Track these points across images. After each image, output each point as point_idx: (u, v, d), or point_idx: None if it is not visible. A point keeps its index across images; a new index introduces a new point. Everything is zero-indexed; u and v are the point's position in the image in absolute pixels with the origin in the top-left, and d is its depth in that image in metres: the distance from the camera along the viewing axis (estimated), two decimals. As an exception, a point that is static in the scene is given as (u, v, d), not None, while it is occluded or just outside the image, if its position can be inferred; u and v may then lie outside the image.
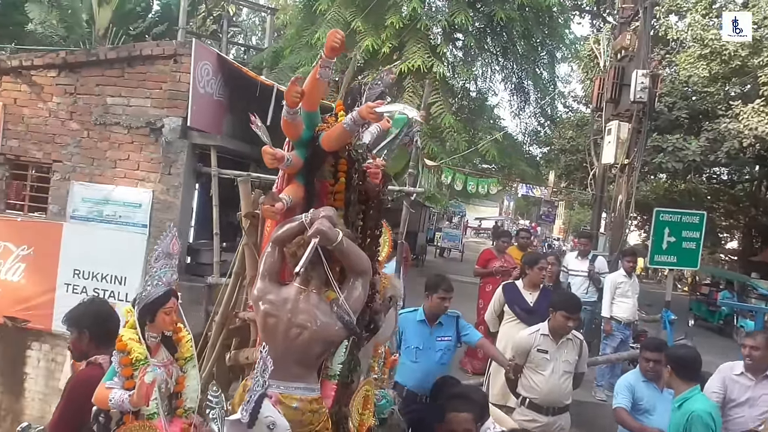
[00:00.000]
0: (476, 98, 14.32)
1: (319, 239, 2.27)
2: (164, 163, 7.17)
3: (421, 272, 17.65)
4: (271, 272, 2.43)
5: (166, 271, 2.54)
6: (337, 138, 2.56)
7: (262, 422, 1.85)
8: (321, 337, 2.31)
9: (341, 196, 2.65)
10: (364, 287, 2.40)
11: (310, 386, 2.36)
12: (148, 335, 2.49)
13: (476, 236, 38.84)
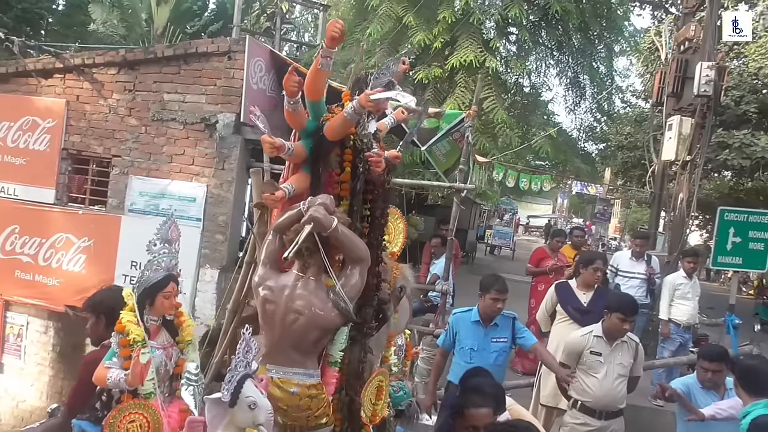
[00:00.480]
0: (530, 93, 14.02)
1: (313, 226, 2.30)
2: (218, 158, 7.30)
3: (471, 270, 17.49)
4: (271, 259, 2.47)
5: (166, 257, 2.59)
6: (339, 127, 2.57)
7: (243, 402, 1.88)
8: (317, 323, 2.34)
9: (347, 186, 2.65)
10: (362, 275, 2.41)
11: (308, 372, 2.38)
12: (147, 318, 2.55)
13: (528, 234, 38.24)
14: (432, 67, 9.59)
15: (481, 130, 9.55)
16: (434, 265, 7.93)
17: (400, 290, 3.00)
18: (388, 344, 3.11)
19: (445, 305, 7.23)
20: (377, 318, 2.77)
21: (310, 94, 2.60)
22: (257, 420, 1.91)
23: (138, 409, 2.48)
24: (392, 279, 2.95)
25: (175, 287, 2.65)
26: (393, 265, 3.04)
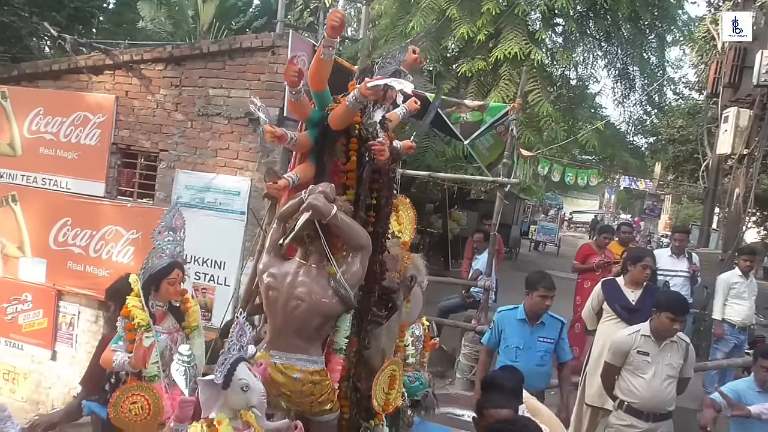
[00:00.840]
0: (576, 86, 13.67)
1: (311, 213, 2.31)
2: (261, 152, 7.35)
3: (515, 266, 17.24)
4: (275, 247, 2.51)
5: (170, 244, 2.62)
6: (342, 116, 2.57)
7: (236, 384, 1.91)
8: (318, 310, 2.37)
9: (352, 175, 2.65)
10: (362, 262, 2.42)
11: (311, 358, 2.41)
12: (153, 303, 2.61)
13: (574, 230, 37.50)
14: (476, 60, 9.44)
15: (526, 124, 9.34)
16: (476, 261, 7.83)
17: (411, 279, 2.98)
18: (400, 334, 3.11)
19: (487, 301, 7.14)
20: (386, 307, 2.78)
21: (313, 85, 2.62)
22: (250, 402, 1.94)
23: (140, 391, 2.54)
24: (402, 268, 2.94)
25: (180, 274, 2.69)
26: (404, 254, 3.04)
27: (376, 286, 2.70)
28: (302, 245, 2.45)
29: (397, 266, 2.90)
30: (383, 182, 2.69)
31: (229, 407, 1.96)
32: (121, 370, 2.62)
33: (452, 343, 7.80)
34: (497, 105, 7.15)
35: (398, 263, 2.92)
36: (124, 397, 2.67)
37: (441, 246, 14.97)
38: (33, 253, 7.84)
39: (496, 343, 4.44)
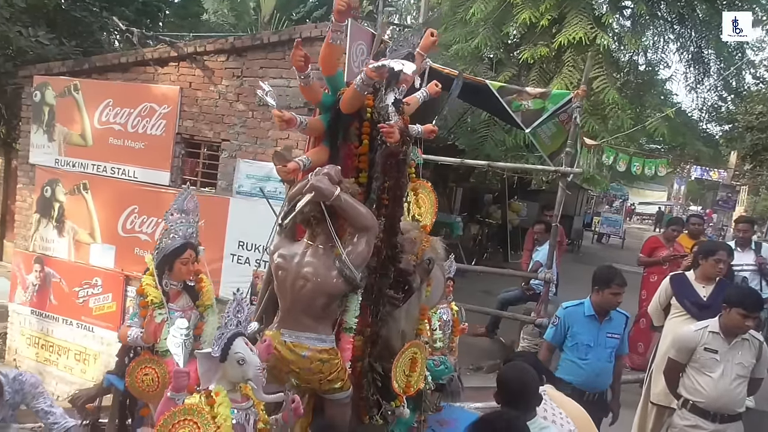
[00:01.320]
0: (645, 71, 13.07)
1: (314, 194, 2.37)
2: (320, 142, 7.39)
3: (577, 258, 16.80)
4: (286, 230, 2.59)
5: (183, 226, 2.71)
6: (351, 100, 2.62)
7: (232, 358, 1.98)
8: (323, 289, 2.42)
9: (365, 158, 2.70)
10: (368, 243, 2.45)
11: (320, 337, 2.47)
12: (167, 282, 2.71)
13: (640, 222, 36.20)
14: (538, 47, 9.15)
15: (590, 112, 9.02)
16: (537, 252, 7.64)
17: (429, 262, 2.98)
18: (421, 317, 3.12)
19: (548, 294, 6.96)
20: (403, 289, 2.81)
21: (324, 69, 2.69)
22: (246, 375, 2.00)
23: (151, 363, 2.68)
24: (420, 251, 2.95)
25: (193, 254, 2.77)
26: (423, 237, 3.04)
27: (391, 268, 2.71)
28: (309, 227, 2.50)
29: (415, 249, 2.91)
30: (392, 164, 2.68)
31: (227, 380, 2.03)
32: (134, 344, 2.75)
33: (511, 336, 7.67)
34: (560, 92, 6.91)
35: (416, 246, 2.93)
36: (138, 368, 2.82)
37: (500, 237, 14.75)
38: (103, 239, 8.18)
39: (560, 339, 4.26)
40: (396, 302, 2.83)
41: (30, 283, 8.71)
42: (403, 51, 2.84)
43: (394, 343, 2.91)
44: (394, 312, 2.91)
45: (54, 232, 8.53)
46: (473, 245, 13.31)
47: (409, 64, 2.59)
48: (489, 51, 10.04)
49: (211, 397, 1.99)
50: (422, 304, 3.14)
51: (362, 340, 2.75)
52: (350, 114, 2.68)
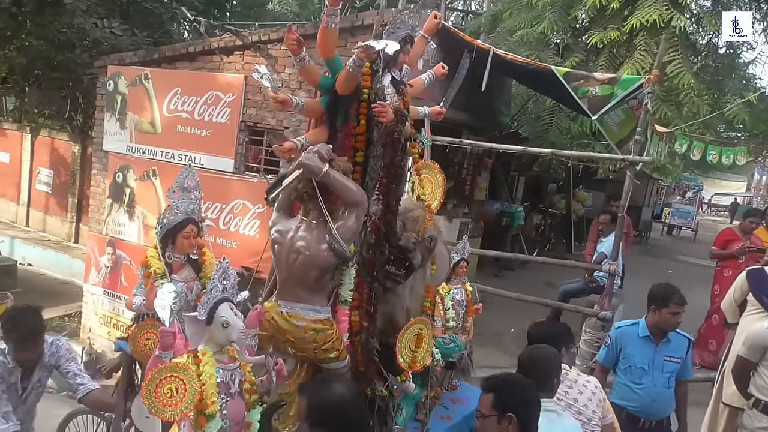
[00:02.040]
0: (725, 54, 12.35)
1: (302, 171, 2.49)
2: (380, 128, 7.38)
3: (644, 251, 16.20)
4: (282, 206, 2.72)
5: (184, 203, 2.85)
6: (345, 81, 2.71)
7: (217, 321, 2.11)
8: (313, 262, 2.54)
9: (362, 138, 2.79)
10: (357, 218, 2.56)
11: (314, 308, 2.59)
12: (170, 255, 2.85)
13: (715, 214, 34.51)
14: (608, 30, 8.77)
15: (663, 98, 8.56)
16: (602, 244, 7.40)
17: (430, 240, 3.06)
18: (427, 294, 3.20)
19: (612, 287, 6.72)
20: (403, 266, 2.93)
21: (321, 53, 2.78)
22: (230, 337, 2.12)
23: (153, 329, 2.82)
24: (422, 229, 3.04)
25: (194, 229, 2.90)
26: (426, 216, 3.13)
27: (386, 244, 2.82)
28: (303, 203, 2.63)
29: (417, 227, 3.03)
30: (387, 143, 2.77)
31: (214, 342, 2.14)
32: (138, 311, 2.93)
33: (572, 328, 7.47)
34: (630, 77, 6.61)
35: (418, 224, 3.04)
36: (140, 333, 3.02)
37: (563, 227, 14.40)
38: (171, 224, 8.44)
39: (613, 361, 3.99)
40: (397, 279, 2.96)
41: (103, 264, 9.13)
42: (401, 33, 2.85)
43: (399, 318, 3.02)
44: (397, 288, 3.02)
45: (125, 217, 8.90)
46: (535, 235, 13.04)
47: (392, 44, 2.67)
48: (555, 36, 9.72)
49: (197, 356, 2.11)
50: (428, 282, 3.22)
51: (360, 314, 2.85)
52: (349, 95, 2.77)
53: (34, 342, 3.11)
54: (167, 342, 2.27)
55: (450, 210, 9.34)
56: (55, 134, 12.82)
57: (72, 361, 3.39)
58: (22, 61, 10.27)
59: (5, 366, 3.12)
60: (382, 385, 2.91)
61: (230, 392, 2.14)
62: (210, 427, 2.05)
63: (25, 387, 3.26)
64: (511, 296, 7.04)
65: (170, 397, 1.96)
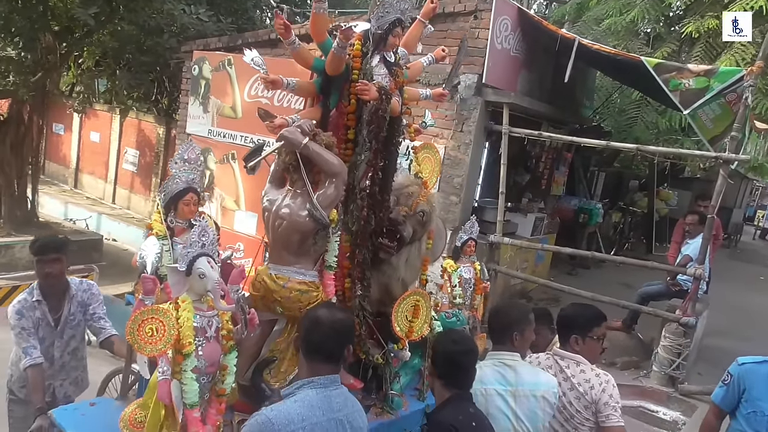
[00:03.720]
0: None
1: (284, 143, 2.70)
2: (457, 119, 7.27)
3: (733, 255, 15.32)
4: (274, 177, 2.93)
5: (185, 172, 3.02)
6: (331, 62, 2.85)
7: (195, 272, 2.32)
8: (294, 227, 2.74)
9: (352, 117, 2.95)
10: (336, 188, 2.75)
11: (299, 270, 2.79)
12: (172, 220, 3.05)
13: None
14: (706, 18, 8.25)
15: (765, 91, 8.00)
16: (687, 246, 7.01)
17: (422, 215, 3.22)
18: (423, 268, 3.39)
19: (696, 291, 6.38)
20: (395, 238, 3.13)
21: (314, 37, 2.89)
22: (206, 287, 2.33)
23: None
24: (414, 204, 3.21)
25: (194, 197, 3.08)
26: (420, 192, 3.28)
27: (373, 215, 3.02)
28: (289, 174, 2.83)
29: (409, 202, 3.21)
30: (372, 120, 2.90)
31: (193, 291, 2.36)
32: (142, 268, 3.08)
33: (650, 333, 7.19)
34: (729, 69, 6.19)
35: (411, 199, 3.22)
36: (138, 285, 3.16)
37: (644, 227, 13.80)
38: (246, 207, 8.68)
39: (732, 404, 3.37)
40: (390, 250, 3.16)
41: (182, 243, 9.47)
42: (390, 17, 2.92)
43: (394, 289, 3.23)
44: (392, 260, 3.21)
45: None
46: (613, 234, 12.56)
47: (362, 24, 2.94)
48: (646, 25, 9.25)
49: (178, 303, 2.34)
50: (424, 255, 3.40)
51: (351, 281, 3.07)
52: (340, 76, 2.93)
53: (52, 254, 3.44)
54: (148, 287, 2.56)
55: (525, 204, 9.12)
56: (142, 116, 13.41)
57: (100, 303, 3.70)
58: (115, 45, 10.74)
59: (28, 302, 3.44)
60: (379, 352, 3.13)
61: (206, 336, 2.37)
62: (186, 364, 2.29)
63: (57, 319, 3.53)
64: (585, 296, 6.79)
65: (151, 336, 2.22)
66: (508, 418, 2.72)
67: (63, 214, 13.20)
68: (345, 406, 2.21)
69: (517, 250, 8.09)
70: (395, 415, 3.07)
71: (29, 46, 9.57)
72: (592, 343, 2.93)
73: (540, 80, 8.42)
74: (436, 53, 3.40)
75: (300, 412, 2.07)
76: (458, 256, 4.43)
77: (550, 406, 2.78)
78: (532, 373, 2.82)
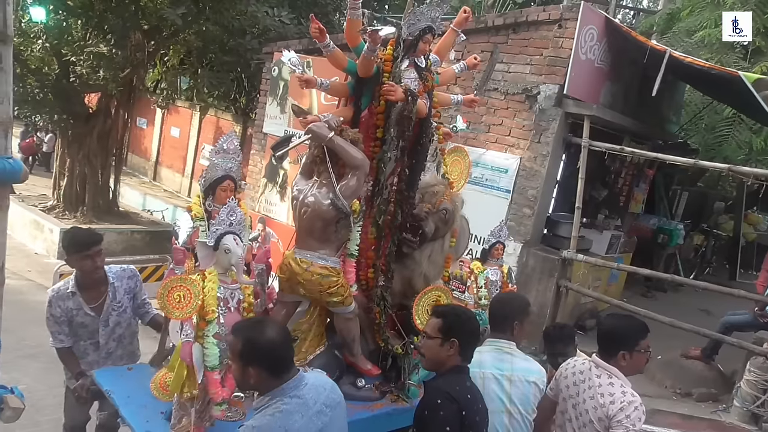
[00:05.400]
0: None
1: (311, 136, 2.94)
2: (535, 130, 7.07)
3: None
4: (304, 169, 3.12)
5: (223, 161, 3.17)
6: (362, 65, 3.06)
7: (221, 247, 2.54)
8: (317, 215, 2.94)
9: (381, 116, 3.14)
10: (358, 179, 2.94)
11: (321, 256, 2.97)
12: (210, 204, 3.21)
13: None
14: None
15: None
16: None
17: (444, 212, 3.39)
18: (446, 265, 3.58)
19: (789, 325, 5.93)
20: (417, 233, 3.33)
21: (348, 41, 3.06)
22: (230, 261, 2.55)
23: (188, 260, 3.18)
24: (438, 202, 3.39)
25: (231, 184, 3.21)
26: (445, 191, 3.45)
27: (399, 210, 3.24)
28: (316, 166, 3.02)
29: (433, 200, 3.39)
30: (398, 120, 3.11)
31: (219, 265, 2.58)
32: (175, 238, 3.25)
33: (732, 364, 6.77)
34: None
35: (435, 197, 3.40)
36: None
37: (728, 251, 13.01)
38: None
39: None
40: (412, 245, 3.35)
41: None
42: (421, 24, 3.11)
43: (417, 283, 3.41)
44: (415, 254, 3.41)
45: (277, 197, 9.35)
46: (694, 257, 11.92)
47: (386, 29, 3.16)
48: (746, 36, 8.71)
49: (204, 274, 2.57)
50: (447, 253, 3.57)
51: (375, 271, 3.26)
52: (371, 78, 3.12)
53: (96, 247, 3.60)
54: (178, 257, 2.85)
55: (601, 221, 8.77)
56: (221, 114, 13.82)
57: (143, 287, 3.90)
58: (199, 44, 11.08)
59: (61, 292, 3.59)
60: (399, 343, 3.34)
61: (228, 306, 2.60)
62: (208, 330, 2.51)
63: (97, 307, 3.64)
64: (663, 321, 6.45)
65: (178, 302, 2.44)
66: (502, 400, 2.92)
67: (141, 205, 13.76)
68: (318, 395, 2.27)
69: (590, 268, 7.78)
70: (410, 404, 3.17)
71: (120, 44, 10.00)
72: (639, 356, 2.87)
73: (624, 93, 8.09)
74: (468, 61, 3.61)
75: (280, 424, 2.11)
76: (486, 258, 4.51)
77: (539, 391, 3.03)
78: (526, 361, 3.07)
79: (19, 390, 1.95)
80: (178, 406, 2.60)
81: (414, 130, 3.23)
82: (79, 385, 3.41)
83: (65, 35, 9.88)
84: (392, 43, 3.17)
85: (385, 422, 3.15)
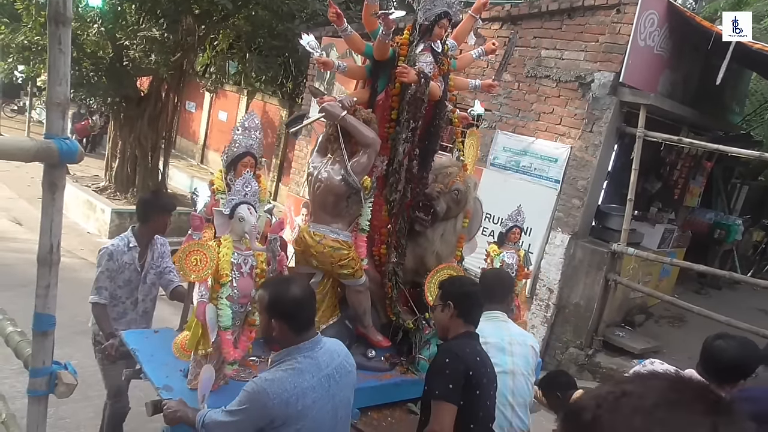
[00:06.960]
0: None
1: (325, 115, 3.07)
2: (587, 119, 6.84)
3: None
4: (320, 147, 3.27)
5: (244, 139, 3.20)
6: (377, 48, 3.15)
7: (236, 216, 2.68)
8: (330, 190, 3.09)
9: (396, 98, 3.24)
10: (369, 157, 3.07)
11: (333, 230, 3.12)
12: (230, 178, 3.24)
13: None
14: None
15: None
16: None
17: (456, 193, 3.48)
18: (458, 245, 3.68)
19: None
20: (429, 212, 3.43)
21: (365, 24, 3.13)
22: (244, 229, 2.69)
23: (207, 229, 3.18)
24: (450, 182, 3.48)
25: (252, 160, 3.24)
26: (458, 172, 3.54)
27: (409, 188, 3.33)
28: (330, 143, 3.16)
29: (446, 180, 3.48)
30: (411, 101, 3.18)
31: (234, 233, 2.72)
32: (194, 205, 3.50)
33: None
34: None
35: (448, 178, 3.49)
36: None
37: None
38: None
39: None
40: (424, 223, 3.45)
41: (297, 224, 9.71)
42: (437, 9, 3.14)
43: (429, 261, 3.51)
44: (427, 233, 3.51)
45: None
46: (753, 254, 11.43)
47: (397, 12, 3.13)
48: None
49: (220, 241, 2.71)
50: (460, 233, 3.67)
51: (388, 247, 3.38)
52: (387, 61, 3.20)
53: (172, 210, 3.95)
54: (196, 224, 2.97)
55: (654, 214, 8.47)
56: (267, 98, 13.89)
57: (170, 257, 4.02)
58: (248, 29, 11.11)
59: (121, 247, 3.81)
60: (411, 319, 3.45)
61: (241, 271, 2.73)
62: (222, 292, 2.67)
63: (142, 264, 3.89)
64: (719, 319, 6.19)
65: (195, 265, 2.61)
66: (505, 362, 3.06)
67: (189, 187, 14.00)
68: (332, 360, 2.35)
69: (641, 262, 7.53)
70: (419, 377, 3.24)
71: (172, 28, 10.13)
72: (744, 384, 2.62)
73: (684, 81, 7.75)
74: (486, 47, 3.67)
75: (291, 380, 2.20)
76: (503, 242, 4.55)
77: (536, 354, 3.25)
78: (519, 328, 3.35)
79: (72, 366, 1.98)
80: (194, 363, 2.77)
81: (428, 112, 3.31)
82: (109, 344, 3.56)
83: (120, 20, 10.06)
84: (409, 28, 3.25)
85: (392, 392, 3.28)
